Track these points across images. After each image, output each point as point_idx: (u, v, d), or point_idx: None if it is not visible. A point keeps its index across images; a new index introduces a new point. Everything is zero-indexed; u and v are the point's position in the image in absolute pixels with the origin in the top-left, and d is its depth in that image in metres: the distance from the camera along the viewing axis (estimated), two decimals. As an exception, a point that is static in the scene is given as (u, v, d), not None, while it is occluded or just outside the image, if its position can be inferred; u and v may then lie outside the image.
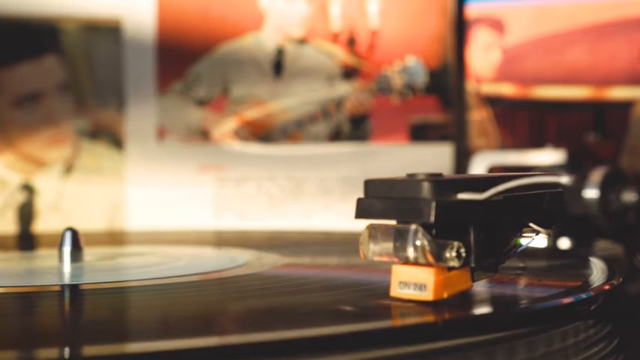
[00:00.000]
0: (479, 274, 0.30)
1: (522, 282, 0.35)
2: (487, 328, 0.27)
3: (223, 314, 0.31)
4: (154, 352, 0.23)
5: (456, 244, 0.28)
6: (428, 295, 0.29)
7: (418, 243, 0.28)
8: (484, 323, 0.28)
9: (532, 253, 0.33)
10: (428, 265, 0.29)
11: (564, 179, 0.61)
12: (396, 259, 0.29)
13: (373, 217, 0.29)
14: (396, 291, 0.29)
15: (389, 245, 0.29)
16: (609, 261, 0.40)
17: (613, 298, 0.33)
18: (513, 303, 0.31)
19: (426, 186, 0.28)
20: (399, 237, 0.29)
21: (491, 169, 0.72)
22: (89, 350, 0.24)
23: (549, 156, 0.68)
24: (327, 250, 0.54)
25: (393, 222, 0.29)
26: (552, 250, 0.53)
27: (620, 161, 0.79)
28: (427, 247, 0.28)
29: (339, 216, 0.74)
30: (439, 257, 0.28)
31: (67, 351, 0.23)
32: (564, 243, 0.60)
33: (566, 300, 0.30)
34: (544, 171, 0.64)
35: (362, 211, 0.30)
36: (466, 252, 0.29)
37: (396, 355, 0.25)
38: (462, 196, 0.29)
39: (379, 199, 0.29)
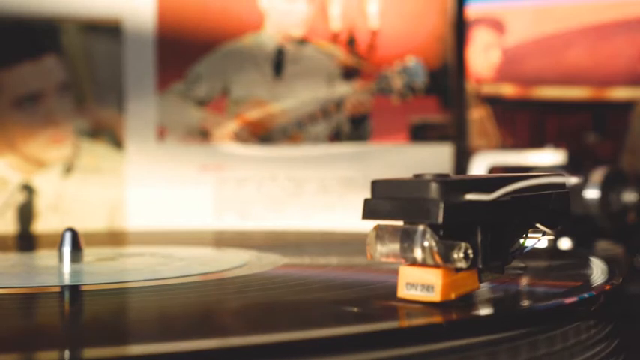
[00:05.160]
0: (486, 274, 0.30)
1: (524, 282, 0.35)
2: (491, 329, 0.27)
3: (223, 315, 0.31)
4: (154, 354, 0.23)
5: (463, 244, 0.28)
6: (435, 296, 0.28)
7: (426, 244, 0.28)
8: (487, 324, 0.28)
9: (533, 253, 0.33)
10: (435, 266, 0.28)
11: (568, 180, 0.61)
12: (403, 260, 0.29)
13: (380, 218, 0.29)
14: (403, 292, 0.29)
15: (396, 246, 0.29)
16: (609, 261, 0.40)
17: (613, 299, 0.33)
18: (516, 303, 0.31)
19: (433, 187, 0.28)
20: (407, 238, 0.29)
21: (492, 170, 0.72)
22: (89, 352, 0.24)
23: (549, 156, 0.68)
24: (327, 250, 0.54)
25: (400, 223, 0.29)
26: (553, 250, 0.53)
27: (620, 161, 0.79)
28: (435, 248, 0.28)
29: (339, 216, 0.74)
30: (447, 258, 0.28)
31: (67, 353, 0.23)
32: (565, 243, 0.60)
33: (568, 300, 0.30)
34: (544, 171, 0.64)
35: (369, 212, 0.30)
36: (473, 253, 0.28)
37: (403, 355, 0.25)
38: (469, 196, 0.28)
39: (386, 199, 0.29)
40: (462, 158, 0.76)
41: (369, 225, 0.30)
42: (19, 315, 0.32)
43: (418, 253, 0.28)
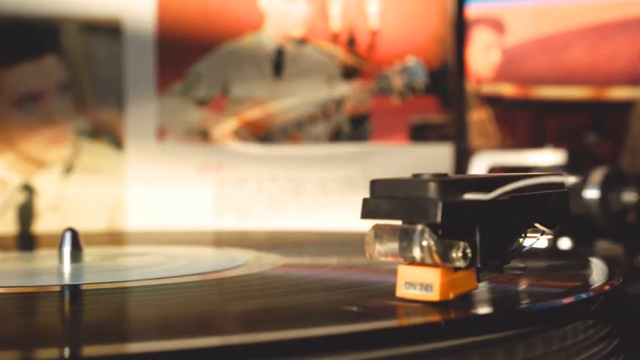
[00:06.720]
0: (484, 274, 0.30)
1: (523, 282, 0.35)
2: (489, 328, 0.27)
3: (223, 314, 0.31)
4: (153, 352, 0.23)
5: (462, 244, 0.28)
6: (434, 296, 0.28)
7: (424, 243, 0.28)
8: (485, 323, 0.28)
9: (532, 253, 0.33)
10: (434, 265, 0.28)
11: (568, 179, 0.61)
12: (401, 260, 0.29)
13: (379, 218, 0.29)
14: (402, 291, 0.29)
15: (395, 245, 0.29)
16: (609, 261, 0.40)
17: (613, 299, 0.33)
18: (515, 303, 0.31)
19: (432, 186, 0.28)
20: (405, 237, 0.29)
21: (492, 170, 0.72)
22: (89, 350, 0.24)
23: (549, 156, 0.68)
24: (327, 250, 0.54)
25: (398, 222, 0.29)
26: (552, 250, 0.53)
27: (620, 161, 0.79)
28: (433, 248, 0.28)
29: (339, 216, 0.74)
30: (445, 257, 0.28)
31: (66, 351, 0.23)
32: (565, 243, 0.60)
33: (567, 300, 0.30)
34: (544, 171, 0.64)
35: (368, 212, 0.30)
36: (472, 252, 0.28)
37: (401, 354, 0.25)
38: (468, 196, 0.29)
39: (385, 199, 0.29)
40: (462, 158, 0.76)
41: (368, 224, 0.30)
42: (19, 315, 0.32)
43: (417, 253, 0.28)
